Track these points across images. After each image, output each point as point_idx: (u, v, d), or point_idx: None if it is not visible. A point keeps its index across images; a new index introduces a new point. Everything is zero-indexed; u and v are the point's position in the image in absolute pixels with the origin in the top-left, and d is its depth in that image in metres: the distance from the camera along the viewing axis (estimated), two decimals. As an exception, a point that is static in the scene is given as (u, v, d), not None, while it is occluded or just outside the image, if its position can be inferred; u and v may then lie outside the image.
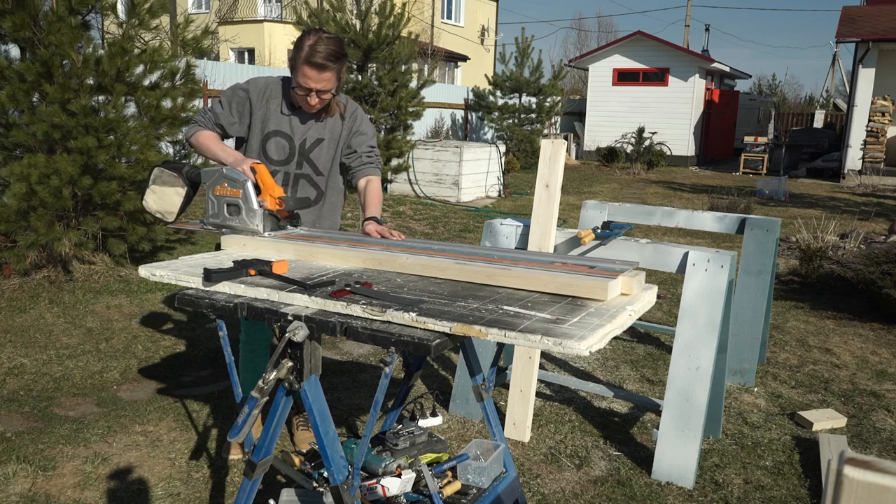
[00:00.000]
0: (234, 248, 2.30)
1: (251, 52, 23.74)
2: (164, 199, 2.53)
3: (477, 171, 10.91)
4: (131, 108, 5.45)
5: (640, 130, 17.23)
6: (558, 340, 1.48)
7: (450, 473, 2.20)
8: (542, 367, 3.86)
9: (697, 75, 18.79)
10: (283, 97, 2.68)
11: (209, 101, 10.46)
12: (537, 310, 1.68)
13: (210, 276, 1.86)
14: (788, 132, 21.50)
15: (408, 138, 10.24)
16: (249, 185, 2.32)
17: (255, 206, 2.31)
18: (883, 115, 14.93)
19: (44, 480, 2.67)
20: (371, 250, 2.11)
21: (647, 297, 1.89)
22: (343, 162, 2.81)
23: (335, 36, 2.53)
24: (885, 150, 15.02)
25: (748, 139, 17.45)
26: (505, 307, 1.70)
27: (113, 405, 3.36)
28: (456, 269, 1.94)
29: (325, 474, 2.12)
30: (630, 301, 1.80)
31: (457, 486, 2.14)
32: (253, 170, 2.37)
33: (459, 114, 17.66)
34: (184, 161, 2.20)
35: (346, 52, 2.58)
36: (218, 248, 2.36)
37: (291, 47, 2.70)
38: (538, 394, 3.59)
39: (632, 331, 4.69)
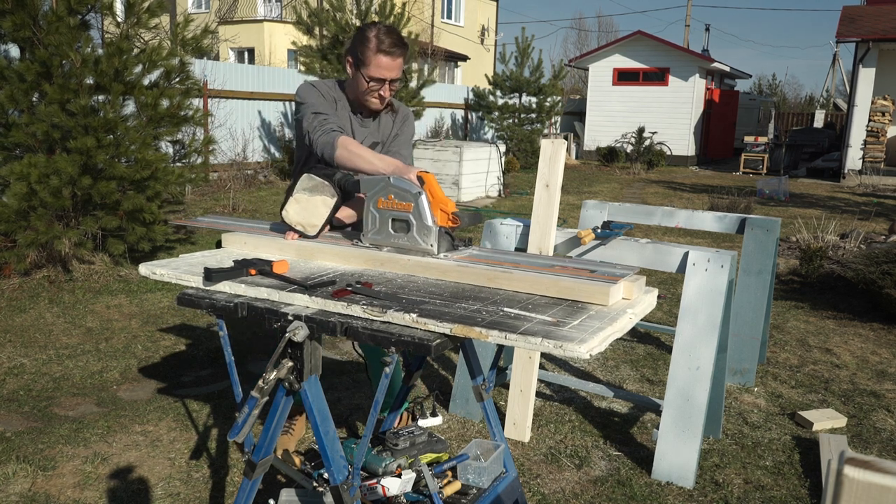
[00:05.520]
0: (235, 247, 2.30)
1: (251, 51, 23.76)
2: (308, 209, 2.22)
3: (477, 171, 10.92)
4: (130, 108, 5.45)
5: (640, 130, 17.24)
6: (559, 343, 1.48)
7: (450, 473, 2.20)
8: (542, 367, 3.86)
9: (697, 75, 18.80)
10: (346, 100, 2.54)
11: (208, 101, 10.46)
12: (538, 312, 1.68)
13: (210, 275, 1.85)
14: (788, 132, 21.50)
15: (408, 138, 10.23)
16: (424, 199, 1.99)
17: (430, 222, 1.99)
18: (883, 114, 14.93)
19: (43, 480, 2.66)
20: (372, 250, 2.11)
21: (648, 300, 1.89)
22: None
23: (391, 25, 2.50)
24: (885, 150, 15.03)
25: (748, 139, 17.45)
26: (505, 309, 1.69)
27: (113, 405, 3.36)
28: (457, 272, 1.94)
29: (325, 474, 2.12)
30: (631, 304, 1.79)
31: (457, 486, 2.14)
32: (420, 179, 2.04)
33: (459, 114, 17.67)
34: (326, 167, 2.02)
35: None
36: (218, 246, 2.36)
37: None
38: (538, 394, 3.59)
39: (632, 331, 4.68)
